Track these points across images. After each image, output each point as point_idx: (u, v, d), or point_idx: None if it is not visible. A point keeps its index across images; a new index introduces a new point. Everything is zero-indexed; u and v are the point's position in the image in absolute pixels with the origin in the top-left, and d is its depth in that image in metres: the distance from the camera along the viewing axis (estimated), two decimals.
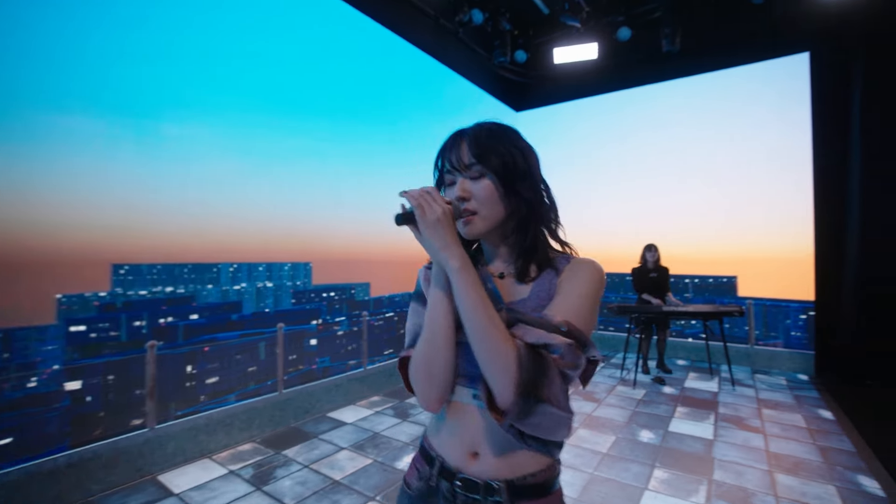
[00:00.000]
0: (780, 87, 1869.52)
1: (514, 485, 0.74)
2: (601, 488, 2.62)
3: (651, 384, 4.70)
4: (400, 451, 3.17)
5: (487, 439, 0.75)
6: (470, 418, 0.76)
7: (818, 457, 3.03)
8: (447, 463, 0.78)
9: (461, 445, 0.77)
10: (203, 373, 9.44)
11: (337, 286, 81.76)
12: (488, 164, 0.77)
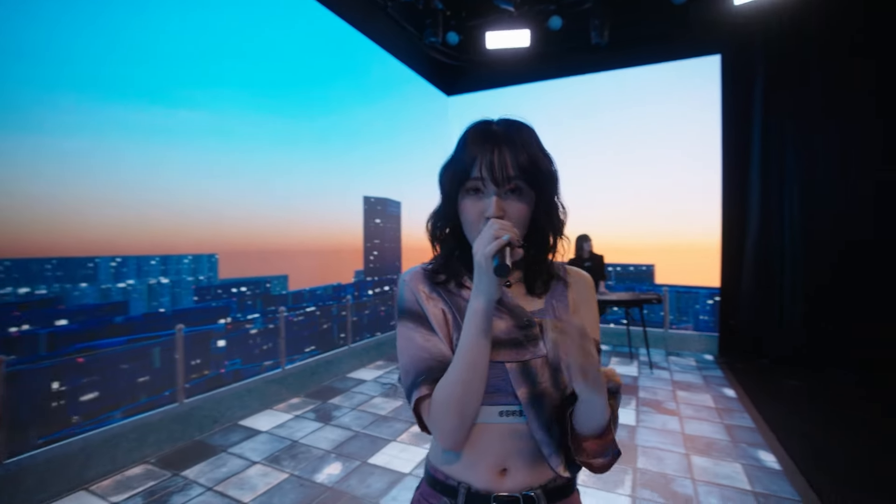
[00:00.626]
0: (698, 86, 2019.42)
1: (548, 489, 0.74)
2: None
3: None
4: (321, 461, 2.90)
5: (515, 453, 0.73)
6: (496, 436, 0.73)
7: (725, 435, 3.23)
8: (475, 487, 0.74)
9: (489, 465, 0.73)
10: (76, 389, 7.78)
11: (249, 280, 75.13)
12: (532, 182, 0.72)
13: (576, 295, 0.83)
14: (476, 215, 0.72)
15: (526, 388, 0.73)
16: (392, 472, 2.75)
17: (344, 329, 4.91)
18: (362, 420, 3.57)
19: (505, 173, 0.70)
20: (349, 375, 4.73)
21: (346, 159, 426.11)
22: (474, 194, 0.73)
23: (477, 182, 0.72)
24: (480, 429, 0.73)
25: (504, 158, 0.70)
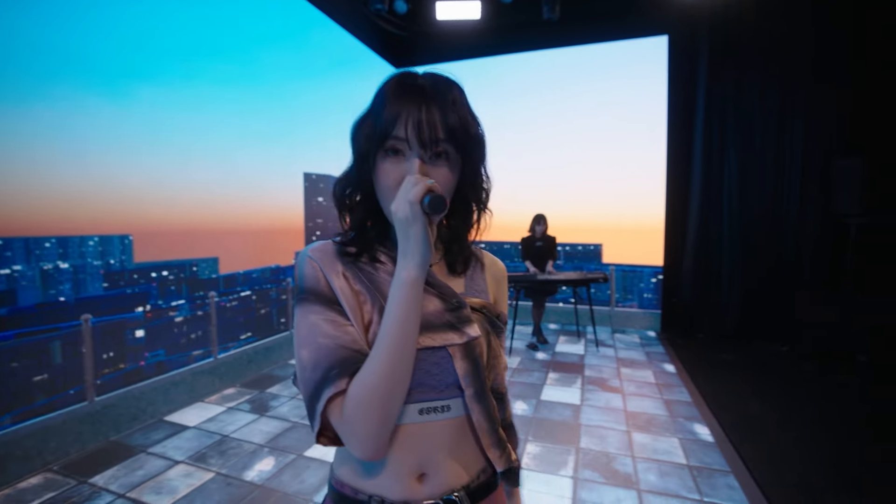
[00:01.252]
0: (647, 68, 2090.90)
1: (471, 489, 0.67)
2: None
3: (526, 351, 4.83)
4: (252, 456, 2.70)
5: (435, 454, 0.65)
6: (414, 439, 0.63)
7: (664, 411, 3.31)
8: (389, 499, 0.64)
9: (405, 472, 0.64)
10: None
11: (172, 263, 68.69)
12: (461, 147, 0.62)
13: (492, 277, 0.78)
14: (395, 180, 0.61)
15: (471, 375, 0.65)
16: (329, 464, 2.60)
17: (284, 313, 4.65)
18: (302, 409, 3.38)
19: (433, 135, 0.60)
20: (291, 362, 4.49)
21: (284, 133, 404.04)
22: (394, 156, 0.62)
23: (399, 143, 0.61)
24: (396, 431, 0.62)
25: (433, 118, 0.60)
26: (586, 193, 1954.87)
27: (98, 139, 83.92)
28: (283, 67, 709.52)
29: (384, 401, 0.56)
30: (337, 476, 0.68)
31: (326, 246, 0.67)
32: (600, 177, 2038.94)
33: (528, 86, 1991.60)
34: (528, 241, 4.99)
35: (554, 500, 2.26)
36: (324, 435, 0.61)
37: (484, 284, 0.76)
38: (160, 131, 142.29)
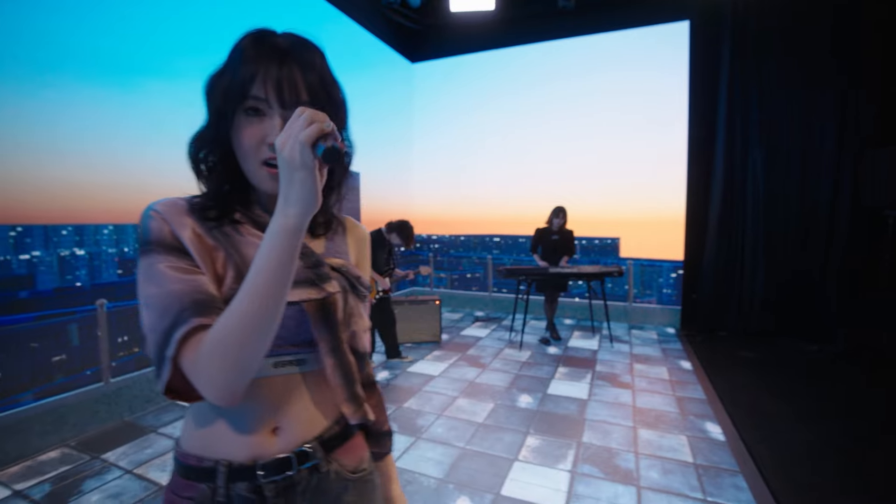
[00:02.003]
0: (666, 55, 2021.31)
1: (324, 438, 0.67)
2: (470, 465, 2.48)
3: (538, 345, 4.77)
4: None
5: (289, 406, 0.65)
6: (267, 393, 0.63)
7: (675, 408, 3.20)
8: (237, 461, 0.61)
9: (258, 427, 0.62)
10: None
11: None
12: (323, 109, 0.57)
13: (353, 240, 0.79)
14: (257, 140, 0.59)
15: (325, 329, 0.65)
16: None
17: None
18: None
19: (294, 95, 0.59)
20: None
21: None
22: (254, 115, 0.59)
23: (259, 102, 0.58)
24: (250, 385, 0.57)
25: (294, 77, 0.59)
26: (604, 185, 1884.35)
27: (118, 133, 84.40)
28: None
29: (244, 346, 0.52)
30: (182, 449, 0.65)
31: (176, 201, 0.62)
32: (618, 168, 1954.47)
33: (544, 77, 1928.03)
34: (542, 232, 4.90)
35: (549, 493, 2.22)
36: (171, 389, 0.56)
37: (345, 247, 0.76)
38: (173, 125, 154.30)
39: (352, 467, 0.71)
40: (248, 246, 0.63)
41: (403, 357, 4.30)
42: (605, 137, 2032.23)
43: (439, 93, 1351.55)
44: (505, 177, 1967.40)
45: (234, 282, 0.59)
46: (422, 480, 2.32)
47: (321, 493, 0.67)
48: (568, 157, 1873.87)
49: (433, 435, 2.81)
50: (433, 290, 7.04)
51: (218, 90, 0.60)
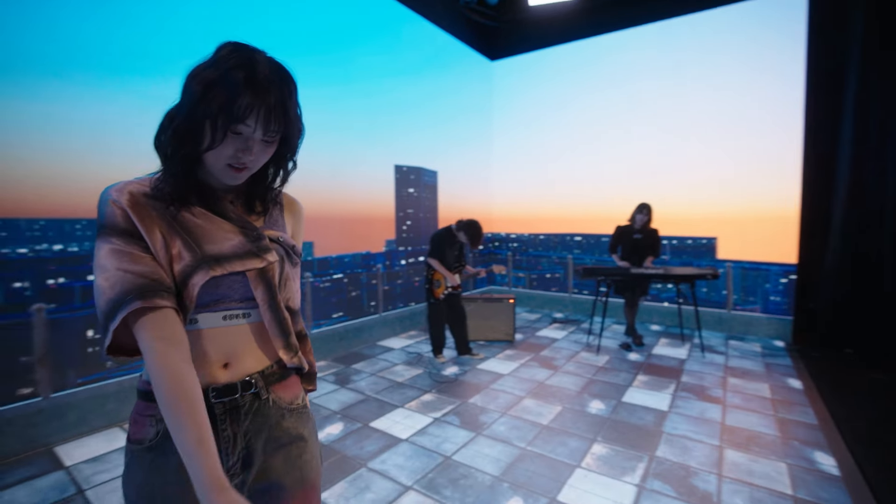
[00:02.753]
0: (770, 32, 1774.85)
1: (265, 374, 0.82)
2: (528, 466, 2.40)
3: (617, 350, 4.47)
4: (325, 420, 2.95)
5: (237, 348, 0.79)
6: (218, 338, 0.78)
7: (775, 430, 2.79)
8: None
9: (211, 363, 0.77)
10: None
11: None
12: (287, 135, 0.78)
13: (290, 215, 0.93)
14: (233, 150, 0.73)
15: (264, 292, 0.81)
16: (389, 436, 2.73)
17: (374, 297, 4.96)
18: (377, 385, 3.59)
19: (275, 127, 0.74)
20: (379, 343, 4.79)
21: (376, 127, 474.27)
22: (235, 134, 0.73)
23: (247, 129, 0.72)
24: (203, 334, 0.77)
25: (278, 114, 0.73)
26: (699, 181, 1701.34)
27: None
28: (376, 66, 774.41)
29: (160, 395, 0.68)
30: (144, 378, 0.76)
31: (131, 185, 0.74)
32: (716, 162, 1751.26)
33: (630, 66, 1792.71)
34: (623, 230, 4.58)
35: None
36: (114, 352, 0.71)
37: (282, 221, 0.91)
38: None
39: (288, 400, 0.86)
40: (196, 226, 0.77)
41: (474, 354, 4.29)
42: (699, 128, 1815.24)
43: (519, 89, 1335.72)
44: (589, 173, 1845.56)
45: (184, 253, 0.73)
46: (476, 475, 2.30)
47: (261, 416, 0.81)
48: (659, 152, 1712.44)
49: (494, 432, 2.77)
50: (511, 289, 6.95)
51: (214, 104, 0.69)
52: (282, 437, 0.83)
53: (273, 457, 0.82)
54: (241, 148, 0.73)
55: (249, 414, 0.79)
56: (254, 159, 0.76)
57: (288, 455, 0.83)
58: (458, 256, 4.15)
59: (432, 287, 4.05)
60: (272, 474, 0.81)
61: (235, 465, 0.78)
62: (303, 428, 0.86)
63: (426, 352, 4.45)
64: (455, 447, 2.59)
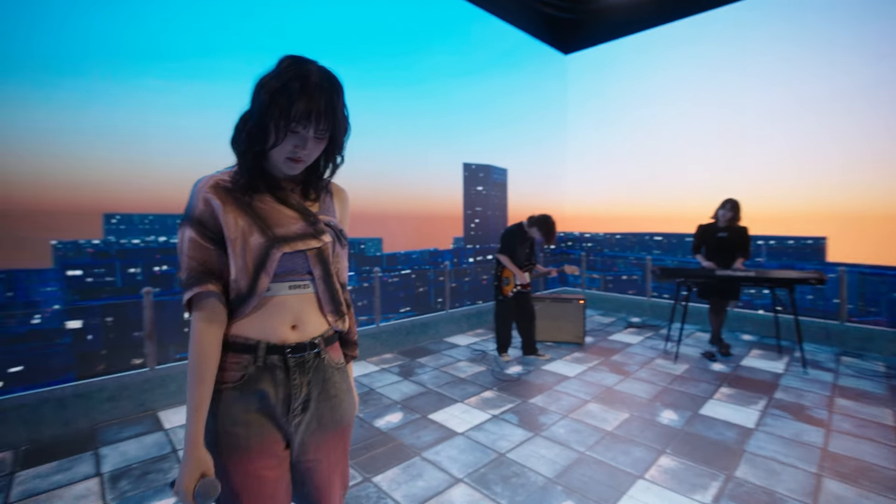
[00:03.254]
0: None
1: (324, 337, 1.02)
2: (586, 471, 2.28)
3: (699, 359, 4.08)
4: (386, 409, 3.06)
5: (302, 313, 0.98)
6: (286, 304, 0.96)
7: (895, 464, 2.37)
8: (272, 342, 0.95)
9: (282, 325, 0.96)
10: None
11: None
12: (335, 133, 0.94)
13: (339, 202, 1.10)
14: (291, 146, 0.91)
15: (320, 268, 1.00)
16: (445, 429, 2.75)
17: (442, 294, 5.03)
18: (439, 380, 3.64)
19: (325, 126, 0.90)
20: (445, 339, 4.85)
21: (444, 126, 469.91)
22: (294, 133, 0.89)
23: (301, 129, 0.89)
24: (274, 300, 0.96)
25: (328, 116, 0.89)
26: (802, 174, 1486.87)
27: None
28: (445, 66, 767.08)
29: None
30: (234, 332, 0.94)
31: (216, 184, 0.93)
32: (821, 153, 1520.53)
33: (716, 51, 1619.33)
34: (706, 229, 4.18)
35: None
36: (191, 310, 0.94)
37: (333, 207, 1.08)
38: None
39: (336, 360, 1.06)
40: (266, 211, 0.95)
41: (540, 354, 4.18)
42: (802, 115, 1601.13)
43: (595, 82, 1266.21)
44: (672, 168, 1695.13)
45: (257, 235, 0.92)
46: (529, 475, 2.24)
47: (319, 371, 1.01)
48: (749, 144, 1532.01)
49: (553, 434, 2.68)
50: (584, 290, 6.66)
51: (275, 110, 0.87)
52: (330, 389, 1.04)
53: (322, 404, 1.02)
54: (297, 144, 0.90)
55: (311, 369, 1.00)
56: (308, 153, 0.92)
57: (332, 404, 1.04)
58: (528, 254, 4.08)
59: (501, 284, 4.02)
60: (321, 418, 1.02)
61: (297, 407, 0.97)
62: (344, 384, 1.08)
63: (491, 350, 4.43)
64: (510, 445, 2.55)
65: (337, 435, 1.06)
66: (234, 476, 0.93)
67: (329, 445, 1.04)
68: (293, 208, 0.98)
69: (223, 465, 0.93)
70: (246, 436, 0.93)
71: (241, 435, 0.93)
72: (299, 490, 1.04)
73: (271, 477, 0.95)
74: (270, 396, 0.94)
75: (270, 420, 0.95)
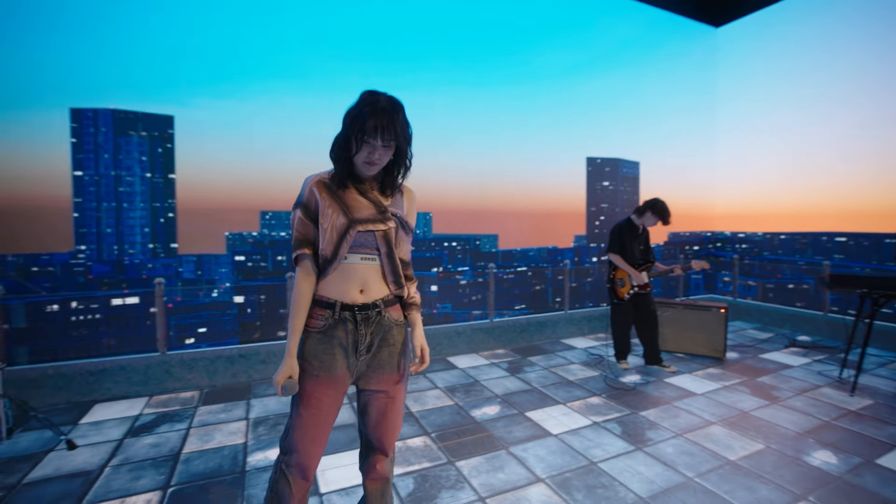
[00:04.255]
0: None
1: (385, 300, 1.37)
2: (688, 499, 2.00)
3: (891, 396, 3.17)
4: (486, 401, 3.11)
5: (369, 280, 1.34)
6: (360, 272, 1.33)
7: None
8: (345, 301, 1.32)
9: (353, 289, 1.32)
10: None
11: (459, 236, 78.49)
12: (399, 144, 1.27)
13: (408, 201, 1.44)
14: (366, 153, 1.25)
15: (385, 246, 1.34)
16: (539, 428, 2.69)
17: (560, 293, 4.85)
18: (546, 380, 3.54)
19: (388, 138, 1.23)
20: (562, 341, 4.68)
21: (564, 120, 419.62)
22: (367, 143, 1.24)
23: (372, 141, 1.23)
24: (349, 267, 1.32)
25: (391, 130, 1.22)
26: None
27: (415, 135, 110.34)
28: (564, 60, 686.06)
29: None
30: (318, 292, 1.34)
31: (320, 180, 1.32)
32: None
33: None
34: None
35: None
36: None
37: (402, 203, 1.41)
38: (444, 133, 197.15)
39: (395, 318, 1.40)
40: (350, 201, 1.31)
41: (665, 365, 3.76)
42: None
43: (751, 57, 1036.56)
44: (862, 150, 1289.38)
45: (341, 217, 1.29)
46: (618, 489, 2.06)
47: (381, 325, 1.36)
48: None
49: (658, 451, 2.40)
50: (735, 299, 5.70)
51: (355, 129, 1.22)
52: (389, 339, 1.38)
53: (382, 350, 1.37)
54: (371, 151, 1.24)
55: (374, 323, 1.35)
56: (379, 158, 1.26)
57: (390, 350, 1.38)
58: (644, 251, 3.70)
59: (615, 286, 3.74)
60: (380, 360, 1.37)
61: (363, 350, 1.34)
62: (400, 337, 1.41)
63: (610, 355, 4.13)
64: (605, 455, 2.37)
65: (393, 375, 1.40)
66: (303, 391, 1.32)
67: (385, 382, 1.39)
68: (370, 200, 1.33)
69: (301, 382, 1.32)
70: (318, 368, 1.31)
71: (315, 367, 1.31)
72: (362, 415, 1.43)
73: (326, 401, 1.33)
74: (342, 341, 1.32)
75: (342, 359, 1.32)
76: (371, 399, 1.39)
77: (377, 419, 1.40)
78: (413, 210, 1.45)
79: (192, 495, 2.03)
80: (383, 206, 1.34)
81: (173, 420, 2.82)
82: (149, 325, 4.51)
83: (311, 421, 1.32)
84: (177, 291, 53.59)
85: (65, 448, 2.42)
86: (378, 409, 1.40)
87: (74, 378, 3.05)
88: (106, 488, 2.08)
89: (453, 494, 2.03)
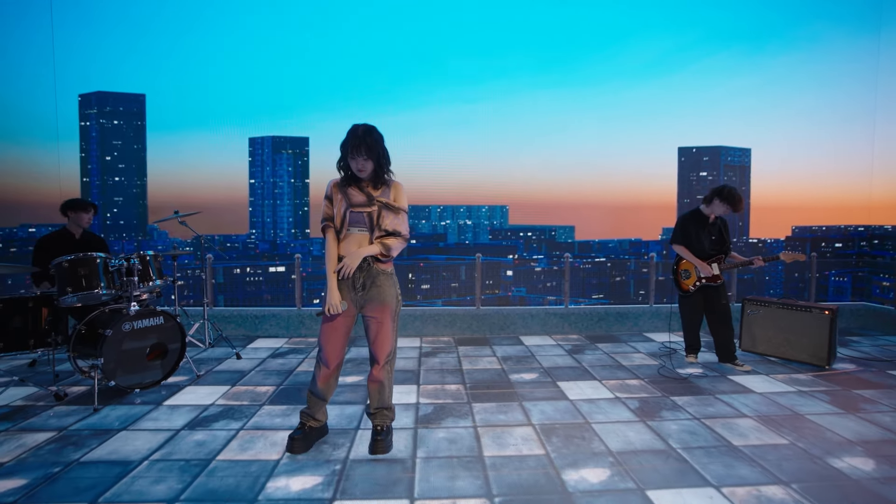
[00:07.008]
0: None
1: (374, 257, 2.07)
2: (658, 462, 2.18)
3: None
4: (528, 370, 3.52)
5: (362, 244, 2.05)
6: (356, 238, 2.07)
7: None
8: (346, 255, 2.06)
9: (352, 248, 2.04)
10: (419, 281, 14.17)
11: (535, 227, 70.12)
12: (373, 157, 2.00)
13: (394, 192, 2.12)
14: (354, 167, 2.03)
15: (371, 222, 2.06)
16: (560, 393, 3.01)
17: (644, 286, 4.79)
18: (600, 361, 3.73)
19: (365, 154, 1.99)
20: (644, 333, 4.64)
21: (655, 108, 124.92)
22: (352, 157, 2.01)
23: (355, 154, 2.00)
24: (350, 235, 2.07)
25: (364, 146, 1.98)
26: None
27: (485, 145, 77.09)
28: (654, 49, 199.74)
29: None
30: (339, 252, 2.09)
31: (337, 182, 2.12)
32: None
33: None
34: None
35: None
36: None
37: (389, 193, 2.10)
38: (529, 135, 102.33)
39: (382, 269, 2.12)
40: (351, 194, 2.08)
41: (739, 364, 3.56)
42: None
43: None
44: None
45: (343, 204, 2.07)
46: (593, 442, 2.34)
47: (370, 272, 2.09)
48: None
49: (660, 426, 2.53)
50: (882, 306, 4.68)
51: (344, 150, 2.05)
52: (377, 282, 2.09)
53: (371, 289, 2.09)
54: (356, 163, 1.99)
55: (365, 270, 2.07)
56: (363, 166, 1.99)
57: (378, 290, 2.09)
58: (716, 241, 3.55)
59: (679, 278, 3.69)
60: (371, 295, 2.09)
61: (359, 287, 2.07)
62: (386, 281, 2.12)
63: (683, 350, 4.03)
64: (603, 420, 2.60)
65: (381, 306, 2.11)
66: (325, 317, 2.10)
67: (376, 311, 2.11)
68: (363, 193, 2.07)
69: (323, 305, 2.10)
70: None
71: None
72: (366, 334, 2.16)
73: (341, 321, 2.10)
74: (347, 282, 2.06)
75: (351, 294, 2.08)
76: (369, 322, 2.15)
77: (373, 337, 2.14)
78: (400, 196, 2.14)
79: (296, 392, 3.04)
80: (372, 197, 2.06)
81: (299, 353, 3.99)
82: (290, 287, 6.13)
83: (329, 328, 2.11)
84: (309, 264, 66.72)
85: (234, 357, 3.77)
86: (373, 329, 2.13)
87: (246, 319, 4.51)
88: (248, 382, 3.26)
89: (455, 421, 2.60)
